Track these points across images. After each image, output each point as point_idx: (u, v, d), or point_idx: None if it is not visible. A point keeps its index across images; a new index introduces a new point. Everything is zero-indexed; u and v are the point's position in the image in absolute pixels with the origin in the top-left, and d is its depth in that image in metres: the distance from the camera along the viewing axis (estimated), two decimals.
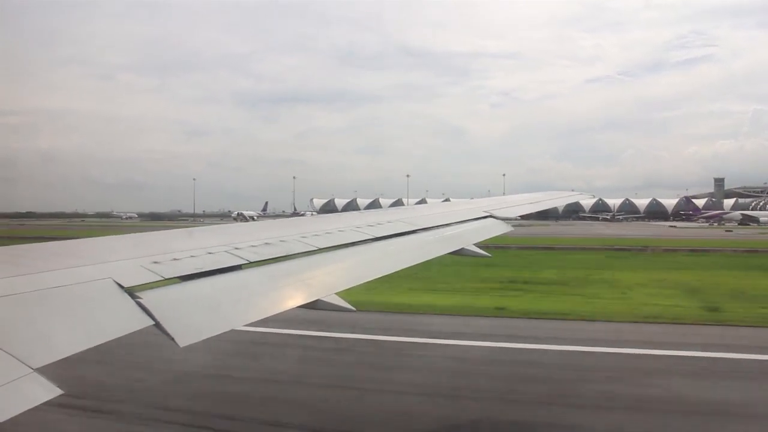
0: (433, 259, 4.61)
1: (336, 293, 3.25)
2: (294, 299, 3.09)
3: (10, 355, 1.77)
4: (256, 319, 2.75)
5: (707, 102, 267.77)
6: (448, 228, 5.49)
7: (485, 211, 6.45)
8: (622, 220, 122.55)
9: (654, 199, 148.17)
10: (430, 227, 5.26)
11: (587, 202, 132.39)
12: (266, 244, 3.57)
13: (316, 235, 4.05)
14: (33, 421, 2.84)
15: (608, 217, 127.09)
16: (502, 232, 6.19)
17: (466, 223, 5.91)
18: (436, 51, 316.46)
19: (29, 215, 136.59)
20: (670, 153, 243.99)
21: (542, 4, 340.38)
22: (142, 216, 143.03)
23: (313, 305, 3.10)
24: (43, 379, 1.75)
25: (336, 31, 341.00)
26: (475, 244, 5.26)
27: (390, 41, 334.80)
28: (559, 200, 9.61)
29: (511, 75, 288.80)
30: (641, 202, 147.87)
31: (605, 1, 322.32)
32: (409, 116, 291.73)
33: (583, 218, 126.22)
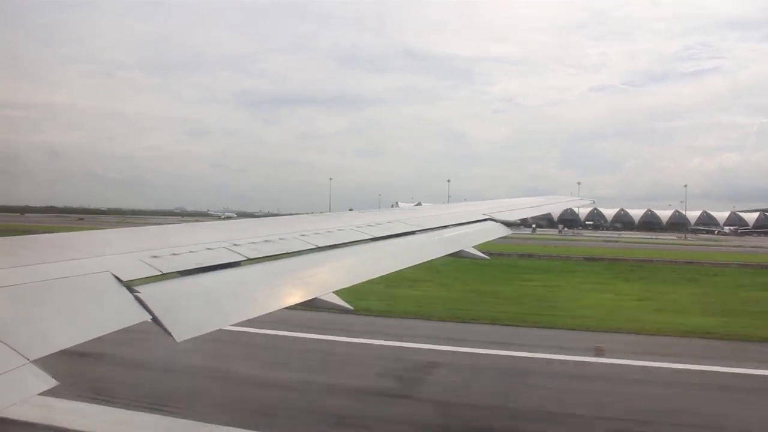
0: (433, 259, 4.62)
1: (334, 292, 3.25)
2: (292, 297, 3.09)
3: (7, 346, 1.77)
4: (253, 316, 2.75)
5: (713, 114, 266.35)
6: (447, 230, 5.49)
7: (485, 214, 6.45)
8: (741, 234, 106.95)
9: (763, 213, 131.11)
10: (429, 228, 5.26)
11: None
12: (266, 241, 3.56)
13: (316, 233, 4.05)
14: None
15: (726, 231, 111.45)
16: (501, 236, 6.19)
17: (465, 225, 5.91)
18: (438, 54, 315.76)
19: (50, 210, 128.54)
20: (674, 164, 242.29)
21: (548, 9, 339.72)
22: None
23: (311, 303, 3.10)
24: (39, 371, 1.75)
25: (338, 32, 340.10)
26: (474, 247, 5.27)
27: (392, 43, 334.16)
28: (558, 205, 9.62)
29: (515, 80, 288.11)
30: (749, 216, 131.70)
31: (611, 9, 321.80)
32: (411, 119, 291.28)
33: (695, 231, 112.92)
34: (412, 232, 4.92)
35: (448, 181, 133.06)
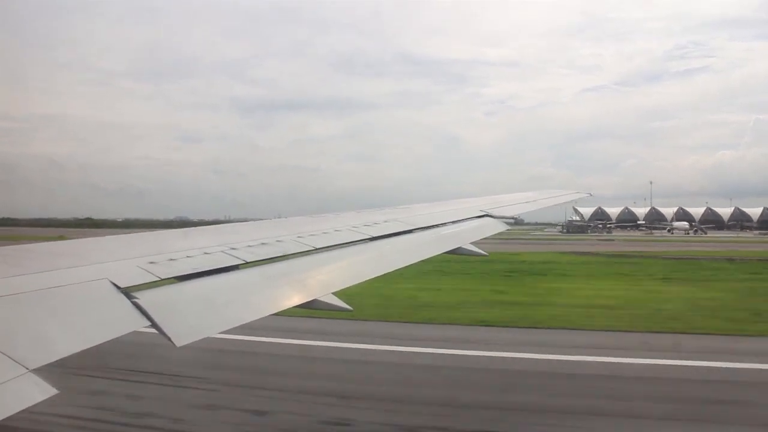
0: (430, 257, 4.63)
1: (332, 293, 3.26)
2: (290, 299, 3.09)
3: (6, 355, 1.77)
4: (252, 319, 2.75)
5: (707, 112, 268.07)
6: (444, 227, 5.50)
7: (481, 210, 6.46)
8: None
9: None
10: (426, 227, 5.27)
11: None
12: (263, 244, 3.57)
13: (312, 235, 4.05)
14: None
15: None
16: (498, 231, 6.21)
17: (462, 222, 5.92)
18: (434, 58, 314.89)
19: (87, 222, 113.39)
20: (671, 162, 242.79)
21: (544, 13, 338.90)
22: None
23: (310, 305, 3.11)
24: (38, 380, 1.75)
25: (334, 37, 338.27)
26: (471, 243, 5.28)
27: (388, 48, 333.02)
28: (555, 199, 9.61)
29: (510, 83, 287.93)
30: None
31: (607, 11, 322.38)
32: (406, 123, 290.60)
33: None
34: (410, 231, 4.93)
35: None
